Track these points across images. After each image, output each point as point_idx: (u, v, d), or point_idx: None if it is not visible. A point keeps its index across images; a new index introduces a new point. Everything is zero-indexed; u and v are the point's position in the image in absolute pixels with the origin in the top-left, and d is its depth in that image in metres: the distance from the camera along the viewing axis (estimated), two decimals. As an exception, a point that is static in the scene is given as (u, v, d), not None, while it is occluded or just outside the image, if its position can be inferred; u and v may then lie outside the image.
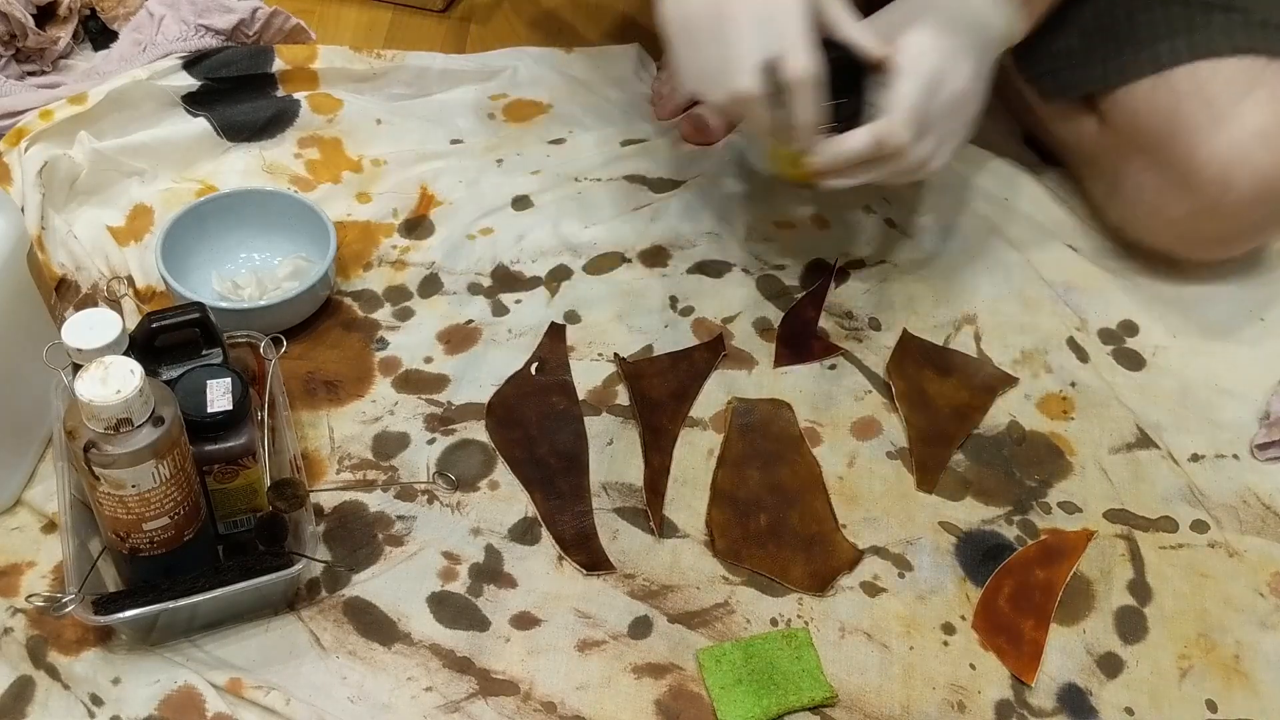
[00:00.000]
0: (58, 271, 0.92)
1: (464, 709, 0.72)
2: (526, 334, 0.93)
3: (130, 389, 0.62)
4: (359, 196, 1.03)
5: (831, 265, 1.00)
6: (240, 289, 0.93)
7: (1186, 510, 0.85)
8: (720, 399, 0.90)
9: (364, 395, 0.88)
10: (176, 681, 0.71)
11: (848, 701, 0.74)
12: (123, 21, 1.12)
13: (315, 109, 1.07)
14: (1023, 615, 0.78)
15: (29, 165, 0.96)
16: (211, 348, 0.76)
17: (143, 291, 0.93)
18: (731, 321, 0.95)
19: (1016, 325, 0.96)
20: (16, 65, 1.09)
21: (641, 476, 0.85)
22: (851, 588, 0.79)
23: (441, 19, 1.22)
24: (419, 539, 0.80)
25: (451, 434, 0.86)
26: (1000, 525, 0.83)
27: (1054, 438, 0.89)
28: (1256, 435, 0.90)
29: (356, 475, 0.83)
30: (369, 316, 0.94)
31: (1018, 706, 0.74)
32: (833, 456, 0.87)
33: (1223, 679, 0.76)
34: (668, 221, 1.03)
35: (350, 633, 0.75)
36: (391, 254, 0.99)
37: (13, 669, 0.72)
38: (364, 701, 0.72)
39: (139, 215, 0.99)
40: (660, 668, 0.75)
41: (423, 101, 1.11)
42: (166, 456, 0.66)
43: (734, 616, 0.77)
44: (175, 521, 0.69)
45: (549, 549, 0.80)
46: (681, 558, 0.80)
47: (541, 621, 0.76)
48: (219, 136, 1.05)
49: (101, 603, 0.70)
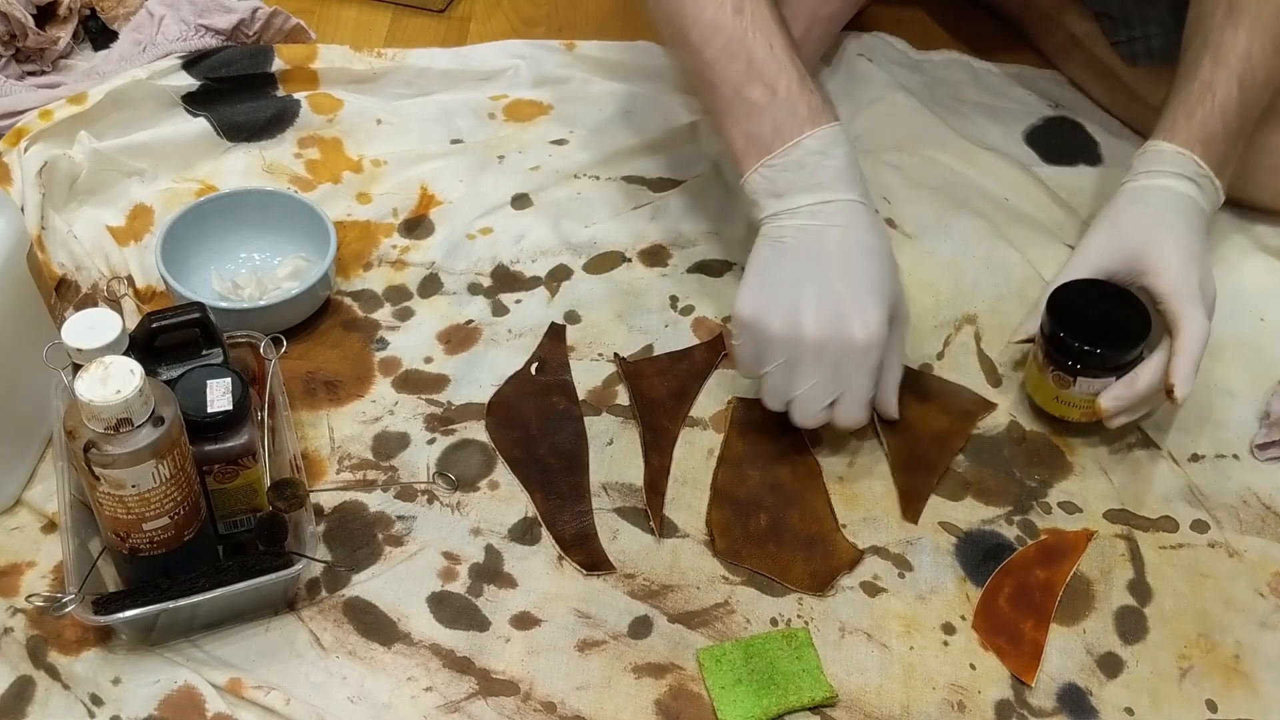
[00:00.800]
0: (58, 271, 0.92)
1: (464, 709, 0.72)
2: (526, 334, 0.93)
3: (130, 389, 0.62)
4: (359, 197, 1.03)
5: (831, 265, 1.00)
6: (240, 289, 0.93)
7: (1186, 510, 0.85)
8: (720, 399, 0.90)
9: (364, 395, 0.88)
10: (176, 681, 0.71)
11: (848, 701, 0.74)
12: (123, 21, 1.12)
13: (315, 109, 1.07)
14: (1023, 615, 0.78)
15: (29, 165, 0.96)
16: (211, 348, 0.76)
17: (143, 291, 0.93)
18: (731, 321, 0.95)
19: (1016, 325, 0.96)
20: (16, 65, 1.09)
21: (641, 476, 0.85)
22: (851, 588, 0.79)
23: (441, 19, 1.22)
24: (419, 539, 0.80)
25: (451, 434, 0.86)
26: (1000, 525, 0.83)
27: (1054, 438, 0.89)
28: (1256, 435, 0.90)
29: (356, 475, 0.83)
30: (369, 316, 0.94)
31: (1018, 706, 0.74)
32: (833, 456, 0.87)
33: (1223, 679, 0.76)
34: (668, 221, 1.03)
35: (350, 633, 0.75)
36: (391, 254, 0.99)
37: (13, 669, 0.72)
38: (364, 701, 0.72)
39: (139, 215, 0.99)
40: (660, 668, 0.75)
41: (423, 101, 1.11)
42: (166, 456, 0.66)
43: (734, 616, 0.77)
44: (175, 521, 0.69)
45: (549, 549, 0.80)
46: (681, 558, 0.80)
47: (541, 621, 0.76)
48: (219, 136, 1.05)
49: (101, 603, 0.70)
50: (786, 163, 0.81)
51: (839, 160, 0.81)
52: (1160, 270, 0.83)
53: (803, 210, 0.80)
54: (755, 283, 0.81)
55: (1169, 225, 0.85)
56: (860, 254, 0.80)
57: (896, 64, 1.18)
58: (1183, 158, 0.87)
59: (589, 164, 1.07)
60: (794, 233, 0.81)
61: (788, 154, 0.81)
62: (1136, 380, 0.82)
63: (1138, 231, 0.86)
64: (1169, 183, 0.87)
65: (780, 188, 0.81)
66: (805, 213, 0.80)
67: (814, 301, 0.78)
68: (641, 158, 1.08)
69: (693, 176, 1.06)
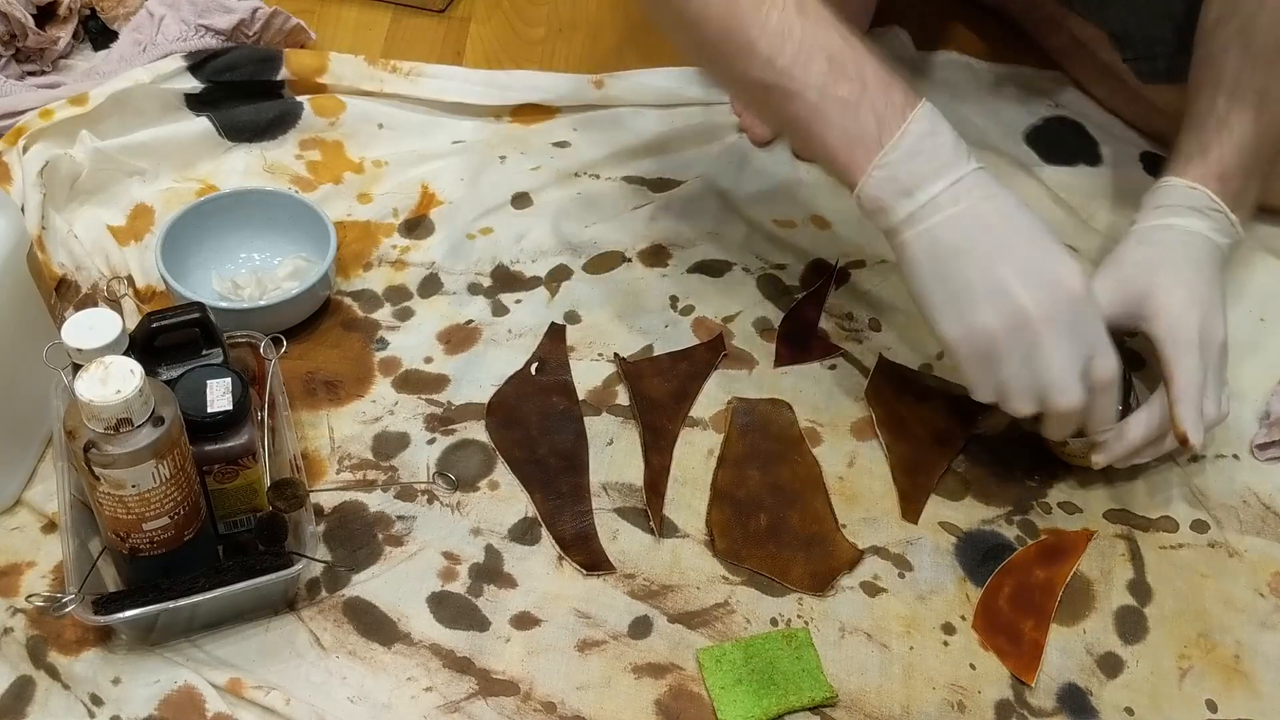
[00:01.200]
0: (58, 271, 0.92)
1: (464, 709, 0.72)
2: (526, 334, 0.93)
3: (130, 389, 0.62)
4: (360, 197, 1.03)
5: (832, 265, 1.00)
6: (240, 289, 0.93)
7: (1186, 510, 0.85)
8: (720, 399, 0.90)
9: (364, 395, 0.88)
10: (176, 681, 0.71)
11: (848, 701, 0.74)
12: (123, 21, 1.12)
13: (317, 111, 1.07)
14: (1023, 615, 0.78)
15: (29, 165, 0.96)
16: (211, 348, 0.76)
17: (143, 291, 0.93)
18: (731, 321, 0.95)
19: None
20: (16, 65, 1.09)
21: (641, 476, 0.85)
22: (851, 588, 0.79)
23: (441, 19, 1.22)
24: (419, 539, 0.80)
25: (451, 434, 0.86)
26: (1000, 525, 0.83)
27: (1054, 438, 0.89)
28: (1256, 435, 0.90)
29: (356, 475, 0.83)
30: (369, 316, 0.94)
31: (1018, 706, 0.74)
32: (833, 456, 0.87)
33: (1223, 679, 0.76)
34: (668, 221, 1.03)
35: (350, 633, 0.75)
36: (391, 254, 0.99)
37: (13, 669, 0.72)
38: (364, 701, 0.72)
39: (139, 215, 0.99)
40: (660, 668, 0.75)
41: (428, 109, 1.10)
42: (166, 456, 0.66)
43: (734, 616, 0.77)
44: (175, 521, 0.69)
45: (549, 549, 0.80)
46: (681, 558, 0.80)
47: (541, 621, 0.76)
48: (220, 136, 1.05)
49: (101, 603, 0.70)
50: (901, 155, 0.75)
51: (947, 134, 0.76)
52: (1160, 315, 0.80)
53: (941, 199, 0.75)
54: (941, 296, 0.76)
55: (1174, 267, 0.82)
56: (1017, 214, 0.76)
57: (900, 61, 1.18)
58: (1195, 192, 0.85)
59: (589, 164, 1.07)
60: (946, 227, 0.75)
61: (899, 145, 0.75)
62: (1126, 432, 0.80)
63: (1141, 274, 0.82)
64: (1179, 220, 0.84)
65: (906, 184, 0.75)
66: (945, 200, 0.75)
67: (1015, 278, 0.73)
68: (641, 158, 1.08)
69: (693, 177, 1.06)
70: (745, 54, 0.76)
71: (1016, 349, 0.74)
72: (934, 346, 0.94)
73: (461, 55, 1.18)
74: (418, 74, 1.10)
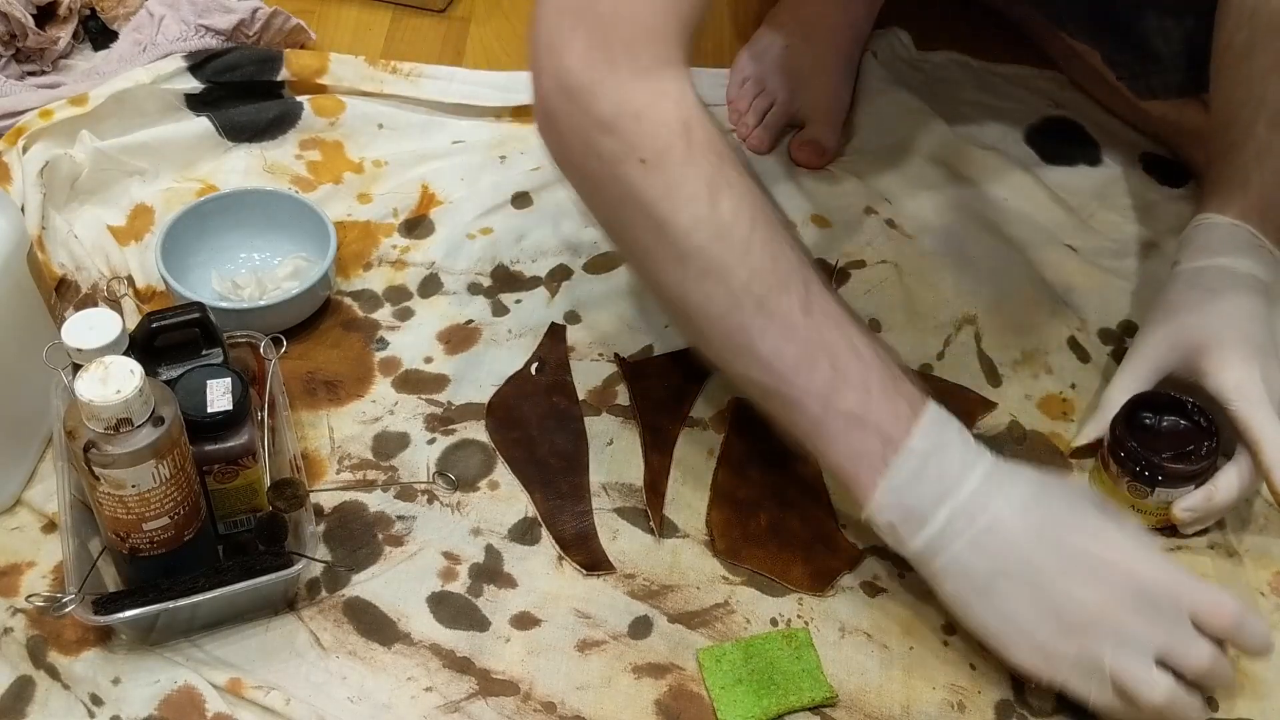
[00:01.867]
0: (58, 271, 0.92)
1: (464, 709, 0.72)
2: (526, 334, 0.93)
3: (130, 389, 0.62)
4: (360, 197, 1.03)
5: (832, 265, 1.00)
6: (240, 289, 0.93)
7: (1187, 510, 0.85)
8: (720, 399, 0.90)
9: (364, 395, 0.88)
10: (176, 681, 0.71)
11: (848, 701, 0.74)
12: (123, 21, 1.12)
13: (318, 112, 1.07)
14: (1023, 616, 0.78)
15: (29, 165, 0.96)
16: (211, 348, 0.76)
17: (143, 291, 0.93)
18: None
19: (1016, 325, 0.96)
20: (16, 65, 1.09)
21: (641, 476, 0.84)
22: (851, 588, 0.79)
23: (441, 19, 1.22)
24: (419, 539, 0.80)
25: (451, 434, 0.86)
26: (1000, 525, 0.83)
27: (1054, 438, 0.89)
28: (1257, 435, 0.89)
29: (356, 475, 0.83)
30: (369, 316, 0.94)
31: (1018, 706, 0.74)
32: (833, 456, 0.87)
33: (1223, 679, 0.76)
34: (668, 221, 1.02)
35: (350, 633, 0.75)
36: (391, 254, 0.99)
37: (13, 669, 0.72)
38: (364, 701, 0.72)
39: (140, 215, 0.99)
40: (660, 668, 0.75)
41: (428, 110, 1.10)
42: (166, 456, 0.66)
43: (734, 616, 0.77)
44: (175, 521, 0.69)
45: (549, 549, 0.80)
46: (681, 558, 0.80)
47: (541, 621, 0.76)
48: (220, 137, 1.05)
49: (101, 603, 0.70)
50: (908, 474, 0.69)
51: (954, 441, 0.71)
52: (1222, 370, 0.78)
53: (958, 523, 0.69)
54: (998, 625, 0.70)
55: (1227, 317, 0.80)
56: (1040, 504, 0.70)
57: (901, 60, 1.18)
58: (1239, 231, 0.83)
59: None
60: (973, 553, 0.69)
61: (905, 463, 0.69)
62: (1215, 493, 0.78)
63: (1195, 323, 0.81)
64: (1225, 262, 0.82)
65: (916, 509, 0.70)
66: (962, 524, 0.69)
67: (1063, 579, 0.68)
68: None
69: (693, 176, 1.06)
70: (746, 354, 0.71)
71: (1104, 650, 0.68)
72: (934, 346, 0.94)
73: (461, 55, 1.18)
74: (418, 75, 1.10)
